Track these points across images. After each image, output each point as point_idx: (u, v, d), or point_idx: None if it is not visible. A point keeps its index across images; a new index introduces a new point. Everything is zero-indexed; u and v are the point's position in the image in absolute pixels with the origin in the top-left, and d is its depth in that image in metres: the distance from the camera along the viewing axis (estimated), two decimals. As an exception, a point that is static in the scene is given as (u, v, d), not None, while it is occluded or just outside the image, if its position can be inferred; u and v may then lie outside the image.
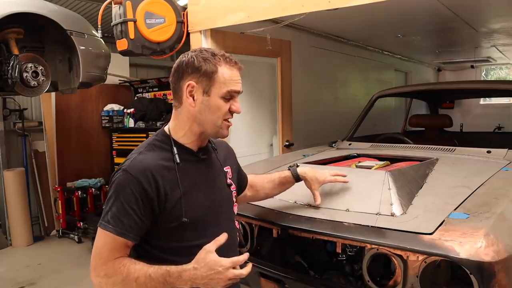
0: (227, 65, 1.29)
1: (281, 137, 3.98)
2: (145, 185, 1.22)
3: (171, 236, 1.28)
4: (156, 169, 1.24)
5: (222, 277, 1.17)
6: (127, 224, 1.21)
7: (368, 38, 5.04)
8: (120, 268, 1.20)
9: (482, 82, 6.05)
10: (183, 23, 3.17)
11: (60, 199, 5.24)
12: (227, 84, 1.28)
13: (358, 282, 1.80)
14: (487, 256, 1.34)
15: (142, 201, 1.22)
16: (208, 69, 1.26)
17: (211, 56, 1.28)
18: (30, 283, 4.00)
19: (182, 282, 1.18)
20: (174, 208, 1.25)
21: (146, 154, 1.28)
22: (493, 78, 8.54)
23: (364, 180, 1.98)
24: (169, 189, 1.25)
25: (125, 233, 1.21)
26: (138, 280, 1.18)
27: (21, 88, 2.79)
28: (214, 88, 1.27)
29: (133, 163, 1.25)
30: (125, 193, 1.22)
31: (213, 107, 1.28)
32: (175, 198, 1.25)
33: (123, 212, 1.21)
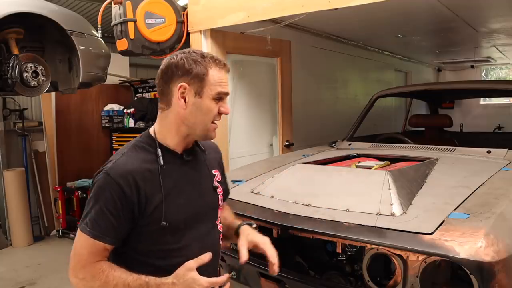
0: (217, 67, 1.28)
1: (281, 137, 3.98)
2: (126, 189, 1.20)
3: (151, 239, 1.26)
4: (138, 172, 1.23)
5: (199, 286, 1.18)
6: (105, 227, 1.21)
7: (368, 38, 5.04)
8: (98, 274, 1.19)
9: (482, 82, 6.05)
10: (183, 23, 3.17)
11: (60, 199, 5.24)
12: (218, 85, 1.28)
13: (358, 282, 1.80)
14: (487, 256, 1.34)
15: (121, 204, 1.21)
16: (199, 71, 1.26)
17: (201, 58, 1.27)
18: (30, 283, 4.00)
19: None
20: (154, 211, 1.24)
21: (129, 156, 1.27)
22: (493, 78, 8.53)
23: (364, 180, 1.98)
24: (150, 192, 1.23)
25: (102, 236, 1.21)
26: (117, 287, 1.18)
27: (21, 88, 2.79)
28: (205, 90, 1.27)
29: (115, 165, 1.23)
30: (104, 197, 1.21)
31: (205, 109, 1.28)
32: (156, 202, 1.24)
33: (101, 216, 1.21)
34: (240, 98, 3.58)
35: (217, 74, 1.28)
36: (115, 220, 1.21)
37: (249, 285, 2.10)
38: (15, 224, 5.04)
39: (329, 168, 2.36)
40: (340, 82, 5.31)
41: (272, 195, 2.06)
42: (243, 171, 2.63)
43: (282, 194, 2.02)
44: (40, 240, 5.29)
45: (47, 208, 5.46)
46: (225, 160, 3.38)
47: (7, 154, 5.24)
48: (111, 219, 1.21)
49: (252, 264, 1.95)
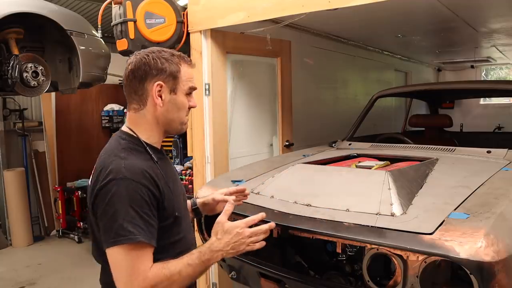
0: (186, 64, 1.35)
1: (281, 137, 3.98)
2: (151, 187, 1.22)
3: (164, 233, 1.28)
4: (150, 169, 1.25)
5: (242, 237, 1.28)
6: (147, 230, 1.18)
7: (368, 38, 5.04)
8: (161, 272, 1.18)
9: (482, 82, 6.04)
10: (183, 23, 3.17)
11: (60, 199, 5.25)
12: (189, 81, 1.36)
13: (358, 282, 1.80)
14: (487, 256, 1.34)
15: (152, 204, 1.21)
16: (173, 69, 1.31)
17: (170, 56, 1.33)
18: (30, 283, 4.00)
19: (214, 255, 1.27)
20: (169, 204, 1.29)
21: (131, 159, 1.25)
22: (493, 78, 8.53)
23: (364, 180, 1.98)
24: (162, 187, 1.27)
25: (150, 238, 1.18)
26: (182, 273, 1.21)
27: (21, 88, 2.79)
28: (179, 86, 1.33)
29: (128, 169, 1.20)
30: (136, 200, 1.17)
31: (179, 104, 1.35)
32: (168, 195, 1.29)
33: (140, 220, 1.16)
34: (240, 98, 3.58)
35: (187, 71, 1.35)
36: (152, 221, 1.21)
37: (249, 285, 2.10)
38: (15, 224, 5.05)
39: (329, 168, 2.36)
40: (340, 82, 5.31)
41: (272, 195, 2.06)
42: (243, 171, 2.63)
43: (282, 194, 2.02)
44: (40, 240, 5.29)
45: (47, 208, 5.47)
46: (225, 160, 3.38)
47: (7, 154, 5.24)
48: (150, 221, 1.20)
49: (252, 264, 1.95)
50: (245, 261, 2.00)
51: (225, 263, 2.16)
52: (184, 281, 1.23)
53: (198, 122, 3.18)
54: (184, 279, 1.22)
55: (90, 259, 1.24)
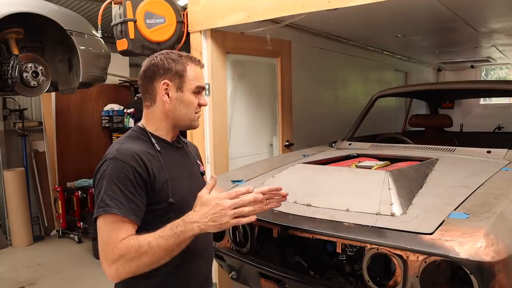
0: (193, 64, 1.43)
1: (281, 137, 3.98)
2: (138, 168, 1.28)
3: (158, 218, 1.31)
4: (142, 154, 1.32)
5: (222, 209, 1.20)
6: (127, 205, 1.25)
7: (368, 38, 5.04)
8: (130, 243, 1.21)
9: (482, 82, 6.04)
10: (183, 23, 3.17)
11: (60, 199, 5.24)
12: (195, 80, 1.42)
13: (358, 282, 1.80)
14: (487, 256, 1.34)
15: (137, 183, 1.28)
16: (178, 68, 1.40)
17: (178, 57, 1.41)
18: (30, 283, 4.00)
19: (189, 226, 1.20)
20: (161, 189, 1.33)
21: (128, 143, 1.36)
22: (493, 78, 8.53)
23: (364, 180, 1.98)
24: (156, 171, 1.33)
25: (127, 213, 1.24)
26: (151, 244, 1.19)
27: (21, 88, 2.79)
28: (185, 85, 1.41)
29: (120, 151, 1.31)
30: (120, 178, 1.26)
31: (187, 101, 1.42)
32: (162, 180, 1.34)
33: (121, 195, 1.24)
34: (240, 98, 3.58)
35: (194, 70, 1.42)
36: (136, 199, 1.27)
37: (249, 285, 2.10)
38: (15, 224, 5.05)
39: (329, 168, 2.36)
40: (340, 82, 5.31)
41: (272, 195, 2.05)
42: (243, 171, 2.63)
43: (282, 194, 2.02)
44: (40, 240, 5.29)
45: (47, 208, 5.47)
46: (225, 160, 3.38)
47: (7, 154, 5.24)
48: (133, 199, 1.26)
49: (252, 264, 1.95)
50: (245, 261, 2.00)
51: (225, 263, 2.16)
52: (155, 253, 1.19)
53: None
54: (154, 251, 1.19)
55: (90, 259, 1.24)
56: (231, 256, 2.08)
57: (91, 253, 4.61)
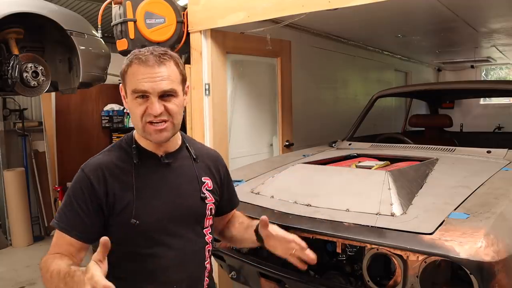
0: (137, 61, 1.19)
1: (281, 137, 3.98)
2: (94, 183, 1.21)
3: (124, 240, 1.22)
4: (109, 169, 1.24)
5: None
6: (73, 220, 1.20)
7: (368, 38, 5.04)
8: (48, 261, 1.16)
9: (482, 82, 6.04)
10: (183, 23, 3.17)
11: (60, 199, 5.24)
12: (134, 83, 1.20)
13: (358, 282, 1.79)
14: (487, 256, 1.34)
15: (90, 199, 1.20)
16: (122, 70, 1.23)
17: (131, 54, 1.22)
18: (30, 283, 4.00)
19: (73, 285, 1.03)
20: (124, 210, 1.21)
21: (106, 155, 1.29)
22: (493, 78, 8.53)
23: (364, 180, 1.98)
24: (119, 190, 1.22)
25: (68, 229, 1.20)
26: (52, 275, 1.12)
27: (21, 88, 2.79)
28: (127, 89, 1.23)
29: (90, 162, 1.27)
30: (75, 190, 1.22)
31: (130, 109, 1.24)
32: (126, 200, 1.22)
33: (69, 208, 1.21)
34: (240, 98, 3.58)
35: (135, 71, 1.19)
36: (84, 214, 1.20)
37: (249, 285, 2.10)
38: (15, 224, 5.04)
39: (329, 168, 2.36)
40: (340, 82, 5.31)
41: (272, 195, 2.05)
42: (243, 171, 2.63)
43: (282, 194, 2.02)
44: (40, 240, 5.29)
45: (47, 208, 5.46)
46: (225, 160, 3.38)
47: (7, 154, 5.24)
48: (80, 213, 1.20)
49: (252, 264, 1.95)
50: (245, 261, 2.00)
51: (225, 263, 2.16)
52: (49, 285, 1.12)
53: (198, 122, 3.18)
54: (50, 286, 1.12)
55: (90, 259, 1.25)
56: (231, 256, 2.08)
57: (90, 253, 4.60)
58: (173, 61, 1.23)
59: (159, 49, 1.22)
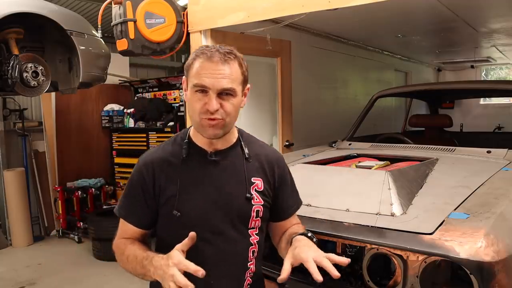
0: (202, 57, 1.22)
1: (281, 137, 3.98)
2: (145, 175, 1.30)
3: (167, 232, 1.33)
4: (159, 162, 1.31)
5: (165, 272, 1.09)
6: (130, 208, 1.33)
7: (368, 38, 5.04)
8: (121, 244, 1.32)
9: (482, 82, 6.04)
10: (183, 23, 3.17)
11: (60, 199, 5.24)
12: (196, 77, 1.22)
13: (358, 282, 1.79)
14: (487, 256, 1.34)
15: (142, 189, 1.30)
16: (188, 63, 1.27)
17: (198, 50, 1.25)
18: (30, 283, 4.00)
19: (150, 267, 1.16)
20: (167, 202, 1.29)
21: (162, 148, 1.37)
22: (493, 78, 8.53)
23: (364, 180, 1.98)
24: (164, 182, 1.29)
25: (126, 216, 1.34)
26: (129, 258, 1.26)
27: (21, 88, 2.79)
28: (189, 82, 1.25)
29: (146, 154, 1.36)
30: (132, 180, 1.33)
31: (189, 102, 1.26)
32: (170, 192, 1.29)
33: (128, 197, 1.34)
34: (240, 98, 3.58)
35: (199, 65, 1.22)
36: (137, 203, 1.31)
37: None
38: (15, 224, 5.05)
39: (329, 168, 2.36)
40: (340, 82, 5.31)
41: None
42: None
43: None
44: (40, 240, 5.29)
45: (47, 208, 5.46)
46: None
47: (7, 154, 5.24)
48: (134, 202, 1.32)
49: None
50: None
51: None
52: (126, 267, 1.27)
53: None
54: (126, 266, 1.27)
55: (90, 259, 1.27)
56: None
57: (91, 253, 4.60)
58: (237, 61, 1.25)
59: (225, 48, 1.25)
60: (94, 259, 4.46)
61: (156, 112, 5.18)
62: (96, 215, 4.76)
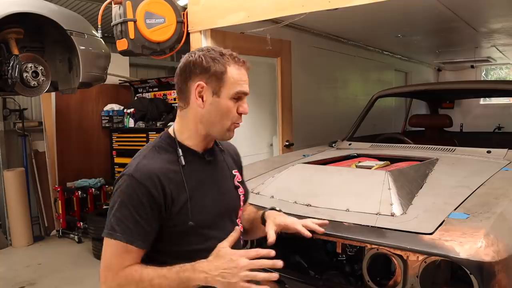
0: (236, 65, 1.25)
1: (281, 137, 3.98)
2: (153, 191, 1.18)
3: (176, 240, 1.25)
4: (162, 173, 1.21)
5: (235, 266, 1.12)
6: (135, 230, 1.17)
7: (368, 38, 5.05)
8: (132, 274, 1.16)
9: (482, 82, 6.04)
10: (183, 23, 3.17)
11: (60, 199, 5.24)
12: (236, 84, 1.25)
13: (358, 282, 1.79)
14: (487, 256, 1.34)
15: (150, 207, 1.18)
16: (217, 69, 1.23)
17: (219, 55, 1.24)
18: (30, 283, 4.00)
19: (196, 275, 1.13)
20: (180, 211, 1.22)
21: (150, 158, 1.25)
22: (493, 78, 8.53)
23: (364, 180, 1.98)
24: (175, 192, 1.22)
25: (133, 240, 1.17)
26: (153, 282, 1.14)
27: (21, 88, 2.79)
28: (223, 89, 1.24)
29: (138, 168, 1.21)
30: (132, 199, 1.18)
31: (223, 109, 1.25)
32: (181, 202, 1.22)
33: (130, 219, 1.17)
34: (240, 98, 3.58)
35: (236, 72, 1.25)
36: (146, 224, 1.18)
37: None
38: (15, 224, 5.05)
39: (329, 168, 2.36)
40: (340, 82, 5.32)
41: (272, 195, 2.06)
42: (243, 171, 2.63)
43: (282, 194, 2.02)
44: (40, 240, 5.29)
45: (47, 208, 5.46)
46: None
47: (7, 154, 5.24)
48: (142, 223, 1.17)
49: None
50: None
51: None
52: None
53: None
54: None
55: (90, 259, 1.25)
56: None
57: (91, 253, 4.60)
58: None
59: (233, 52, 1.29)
60: (94, 259, 4.46)
61: (156, 112, 5.18)
62: (96, 215, 4.76)
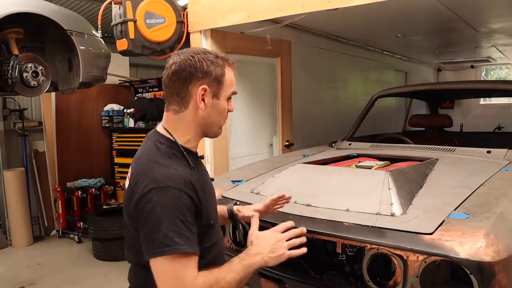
0: (229, 67, 1.32)
1: (281, 137, 3.98)
2: (192, 195, 1.18)
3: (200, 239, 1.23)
4: (189, 177, 1.21)
5: (279, 240, 1.28)
6: (192, 238, 1.16)
7: (368, 38, 5.05)
8: (208, 278, 1.16)
9: (482, 82, 6.04)
10: (183, 23, 3.17)
11: (60, 199, 5.24)
12: (231, 86, 1.32)
13: (358, 282, 1.79)
14: (487, 256, 1.34)
15: (195, 211, 1.19)
16: (218, 72, 1.26)
17: (215, 58, 1.27)
18: (30, 283, 4.00)
19: (253, 259, 1.24)
20: (205, 212, 1.25)
21: (171, 165, 1.21)
22: (493, 78, 8.54)
23: (364, 180, 1.98)
24: (201, 194, 1.23)
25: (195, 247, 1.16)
26: (227, 279, 1.18)
27: (21, 88, 2.79)
28: (222, 91, 1.29)
29: (169, 177, 1.17)
30: (179, 208, 1.15)
31: (221, 109, 1.31)
32: (204, 203, 1.24)
33: (185, 229, 1.14)
34: (240, 98, 3.58)
35: (230, 74, 1.32)
36: (193, 228, 1.18)
37: (249, 285, 2.09)
38: (15, 224, 5.04)
39: (329, 168, 2.36)
40: (340, 82, 5.32)
41: (272, 195, 2.05)
42: (243, 171, 2.63)
43: (282, 194, 2.02)
44: (40, 240, 5.29)
45: (47, 208, 5.46)
46: (225, 160, 3.38)
47: (7, 154, 5.24)
48: (193, 229, 1.17)
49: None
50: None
51: (225, 263, 2.16)
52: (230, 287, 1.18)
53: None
54: (230, 285, 1.18)
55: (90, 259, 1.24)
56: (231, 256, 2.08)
57: (91, 253, 4.60)
58: None
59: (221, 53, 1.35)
60: (94, 259, 4.46)
61: (156, 112, 5.18)
62: (96, 215, 4.76)
